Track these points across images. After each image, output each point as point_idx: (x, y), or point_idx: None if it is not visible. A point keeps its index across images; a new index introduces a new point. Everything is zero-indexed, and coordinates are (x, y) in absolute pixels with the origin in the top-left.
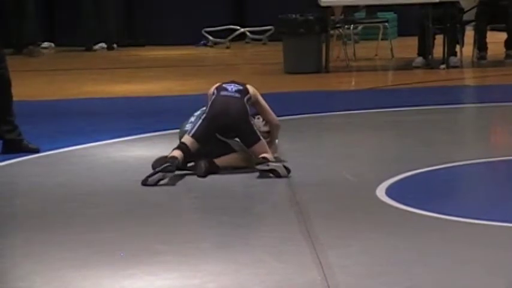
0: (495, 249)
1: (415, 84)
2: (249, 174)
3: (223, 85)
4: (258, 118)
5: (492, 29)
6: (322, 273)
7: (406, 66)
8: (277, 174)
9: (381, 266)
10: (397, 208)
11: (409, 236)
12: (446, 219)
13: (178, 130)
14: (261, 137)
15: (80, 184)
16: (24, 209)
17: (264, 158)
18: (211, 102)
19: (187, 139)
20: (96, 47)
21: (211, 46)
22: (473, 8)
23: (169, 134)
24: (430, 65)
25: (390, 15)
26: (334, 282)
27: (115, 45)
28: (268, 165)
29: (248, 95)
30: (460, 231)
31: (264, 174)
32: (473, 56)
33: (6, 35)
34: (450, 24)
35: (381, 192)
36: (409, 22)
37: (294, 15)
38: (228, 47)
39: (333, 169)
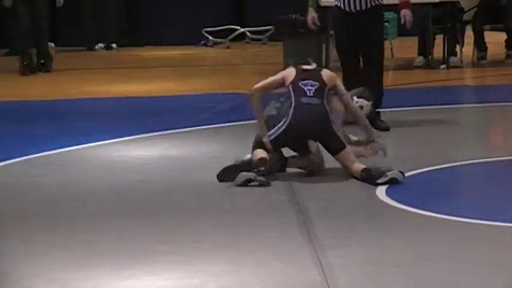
0: (495, 249)
1: (415, 84)
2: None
3: (300, 84)
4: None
5: (492, 29)
6: (322, 273)
7: (406, 66)
8: (396, 182)
9: (381, 266)
10: (397, 208)
11: (409, 236)
12: (446, 219)
13: (179, 130)
14: (346, 144)
15: (80, 184)
16: (24, 209)
17: (364, 170)
18: (293, 110)
19: (267, 142)
20: (96, 47)
21: (211, 46)
22: (473, 8)
23: (169, 134)
24: (430, 65)
25: (390, 15)
26: (334, 282)
27: (114, 45)
28: (387, 176)
29: (326, 89)
30: (460, 231)
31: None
32: (473, 56)
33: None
34: (450, 24)
35: (380, 192)
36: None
37: (294, 15)
38: (228, 47)
39: (333, 169)
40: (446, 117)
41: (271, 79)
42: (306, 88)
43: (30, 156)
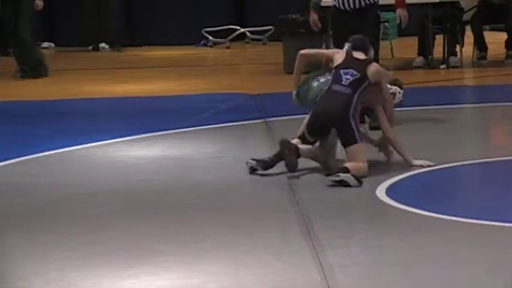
0: (495, 249)
1: (415, 84)
2: (248, 174)
3: (341, 72)
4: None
5: (492, 29)
6: (322, 273)
7: (406, 66)
8: (346, 184)
9: (381, 266)
10: (397, 208)
11: (409, 236)
12: (446, 219)
13: (179, 130)
14: (360, 141)
15: (80, 184)
16: (24, 209)
17: (344, 167)
18: (320, 97)
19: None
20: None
21: (211, 46)
22: (473, 8)
23: (169, 134)
24: (430, 65)
25: (390, 15)
26: (334, 282)
27: (106, 45)
28: (338, 176)
29: (366, 82)
30: (460, 231)
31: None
32: (473, 56)
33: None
34: (450, 24)
35: (381, 192)
36: (409, 22)
37: (294, 15)
38: (228, 47)
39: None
40: (446, 117)
41: (320, 51)
42: (344, 76)
43: (30, 156)
